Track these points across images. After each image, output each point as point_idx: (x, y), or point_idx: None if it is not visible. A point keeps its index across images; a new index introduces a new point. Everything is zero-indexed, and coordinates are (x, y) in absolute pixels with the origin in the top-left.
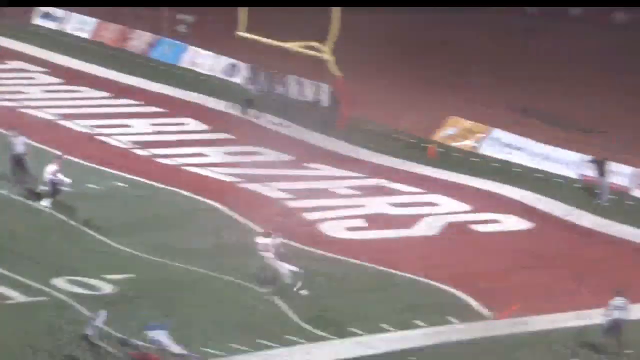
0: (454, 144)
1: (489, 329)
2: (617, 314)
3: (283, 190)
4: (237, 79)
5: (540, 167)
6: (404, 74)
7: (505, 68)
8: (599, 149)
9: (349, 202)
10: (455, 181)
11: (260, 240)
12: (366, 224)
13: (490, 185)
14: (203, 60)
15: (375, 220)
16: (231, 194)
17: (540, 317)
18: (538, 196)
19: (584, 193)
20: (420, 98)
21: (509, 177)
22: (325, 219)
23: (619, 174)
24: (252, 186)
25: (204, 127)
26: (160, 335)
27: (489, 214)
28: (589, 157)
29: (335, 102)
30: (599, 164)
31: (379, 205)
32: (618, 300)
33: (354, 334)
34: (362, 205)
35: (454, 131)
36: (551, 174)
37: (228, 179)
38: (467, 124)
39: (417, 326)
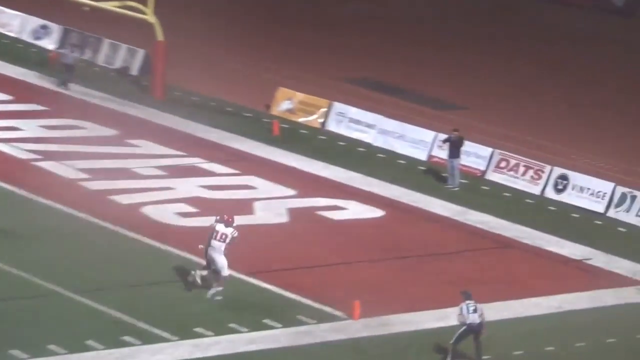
0: (300, 119)
1: (341, 330)
2: (470, 318)
3: (88, 170)
4: (47, 43)
5: (387, 147)
6: (233, 42)
7: (341, 36)
8: (455, 126)
9: (156, 184)
10: (283, 162)
11: (220, 228)
12: (196, 210)
13: (326, 167)
14: (8, 20)
15: (204, 205)
16: (27, 174)
17: (395, 317)
18: (380, 180)
19: (432, 176)
20: (251, 68)
21: (351, 158)
22: (146, 203)
23: (476, 155)
24: (50, 165)
25: (4, 97)
26: None
27: (320, 199)
28: (443, 136)
29: (148, 70)
30: (454, 144)
31: (192, 187)
32: (468, 304)
33: (163, 339)
34: (173, 188)
35: (290, 105)
36: (398, 154)
37: (26, 156)
38: (302, 96)
39: (261, 328)
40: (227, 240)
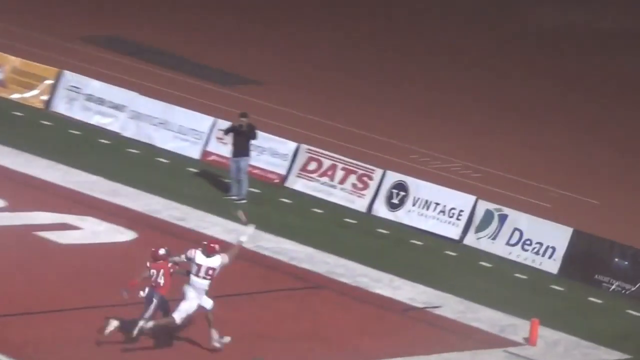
0: (13, 96)
1: None
2: None
3: None
4: None
5: (143, 139)
6: None
7: None
8: (244, 109)
9: None
10: None
11: (201, 260)
12: None
13: (51, 166)
14: None
15: None
16: None
17: None
18: (130, 187)
19: (208, 182)
20: None
21: (89, 154)
22: None
23: (273, 152)
24: None
25: None
26: None
27: (40, 213)
28: (226, 124)
29: None
30: (241, 136)
31: None
32: None
33: None
34: None
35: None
36: (158, 149)
37: None
38: (16, 62)
39: None
40: (215, 275)
